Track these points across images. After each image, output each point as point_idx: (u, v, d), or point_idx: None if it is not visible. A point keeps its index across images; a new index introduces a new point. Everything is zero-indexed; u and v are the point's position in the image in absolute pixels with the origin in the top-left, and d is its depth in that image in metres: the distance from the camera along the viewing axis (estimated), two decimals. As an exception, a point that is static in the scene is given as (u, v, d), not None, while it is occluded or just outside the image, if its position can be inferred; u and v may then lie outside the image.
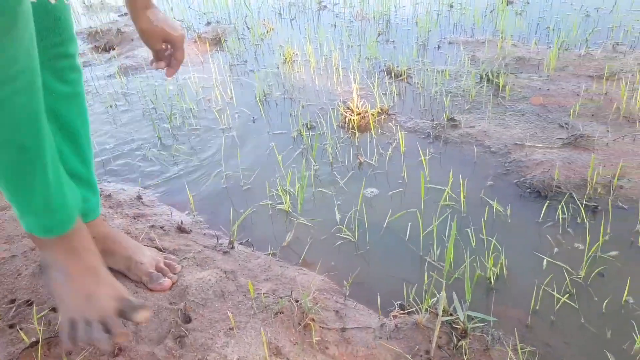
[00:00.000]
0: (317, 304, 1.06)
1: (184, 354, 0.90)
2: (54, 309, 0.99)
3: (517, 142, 1.63)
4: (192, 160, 1.71)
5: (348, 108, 1.89)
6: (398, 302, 1.06)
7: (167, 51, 1.00)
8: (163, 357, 0.89)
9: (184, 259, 1.17)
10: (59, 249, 0.85)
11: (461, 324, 0.95)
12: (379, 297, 1.09)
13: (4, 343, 0.92)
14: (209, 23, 3.14)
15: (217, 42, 2.97)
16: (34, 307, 0.98)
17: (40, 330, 0.93)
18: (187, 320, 0.98)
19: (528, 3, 3.17)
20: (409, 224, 1.31)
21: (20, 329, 0.93)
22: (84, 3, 3.82)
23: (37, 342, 0.91)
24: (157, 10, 0.96)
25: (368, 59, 2.45)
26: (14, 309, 0.99)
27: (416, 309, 1.02)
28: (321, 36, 2.83)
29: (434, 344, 0.92)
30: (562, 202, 1.33)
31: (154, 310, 0.99)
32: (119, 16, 3.48)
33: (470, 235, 1.25)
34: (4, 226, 1.29)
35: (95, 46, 3.00)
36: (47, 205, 0.81)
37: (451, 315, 0.98)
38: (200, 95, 2.22)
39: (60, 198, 0.82)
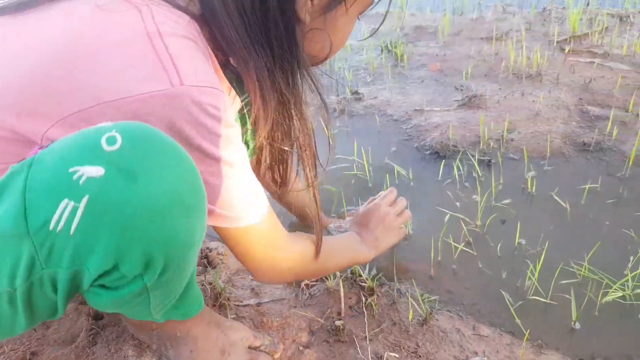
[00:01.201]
0: (232, 284, 1.07)
1: (97, 350, 0.88)
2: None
3: (417, 108, 1.71)
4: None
5: (254, 90, 1.89)
6: (311, 272, 1.10)
7: None
8: (76, 356, 0.87)
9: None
10: (195, 322, 0.82)
11: (368, 282, 1.00)
12: (292, 269, 1.11)
13: None
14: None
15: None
16: None
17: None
18: (99, 317, 0.96)
19: (424, -27, 3.28)
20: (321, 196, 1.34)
21: None
22: None
23: None
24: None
25: (273, 39, 2.45)
26: None
27: (326, 276, 1.06)
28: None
29: (343, 305, 0.96)
30: (458, 160, 1.41)
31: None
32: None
33: (376, 200, 1.30)
34: None
35: None
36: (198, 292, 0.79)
37: (360, 276, 1.02)
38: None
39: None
